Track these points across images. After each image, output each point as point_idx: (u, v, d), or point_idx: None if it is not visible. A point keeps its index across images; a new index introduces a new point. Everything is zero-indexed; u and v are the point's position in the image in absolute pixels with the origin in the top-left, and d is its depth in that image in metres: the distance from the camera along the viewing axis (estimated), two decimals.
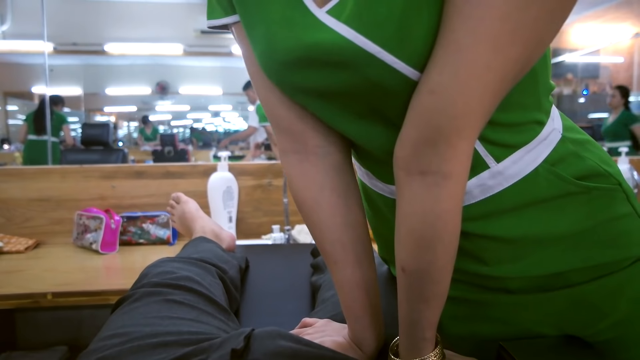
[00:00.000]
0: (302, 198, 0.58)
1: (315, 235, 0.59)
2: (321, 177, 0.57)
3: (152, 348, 0.54)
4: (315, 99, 0.51)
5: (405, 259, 0.49)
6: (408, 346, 0.52)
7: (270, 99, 0.56)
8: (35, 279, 1.17)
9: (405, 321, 0.52)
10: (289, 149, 0.58)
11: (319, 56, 0.46)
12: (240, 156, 4.79)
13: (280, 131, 0.57)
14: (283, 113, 0.55)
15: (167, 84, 6.98)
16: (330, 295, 0.79)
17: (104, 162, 3.15)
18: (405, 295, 0.50)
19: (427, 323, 0.50)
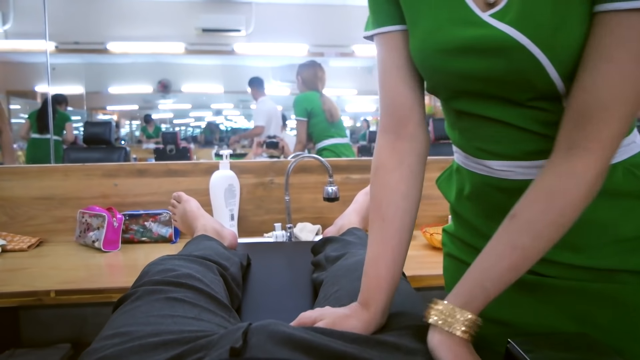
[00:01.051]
0: (382, 164, 0.70)
1: (377, 194, 0.70)
2: (405, 155, 0.70)
3: (154, 347, 0.55)
4: (459, 80, 0.63)
5: (521, 207, 0.57)
6: (461, 290, 0.58)
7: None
8: (38, 276, 1.18)
9: (475, 267, 0.58)
10: (390, 129, 0.71)
11: (479, 45, 0.58)
12: (242, 154, 4.79)
13: (389, 114, 0.71)
14: (400, 102, 0.69)
15: (169, 82, 6.98)
16: (334, 291, 0.79)
17: (106, 160, 3.16)
18: (497, 240, 0.58)
19: (495, 274, 0.56)
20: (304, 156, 1.58)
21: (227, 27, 5.58)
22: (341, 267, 0.90)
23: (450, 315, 0.56)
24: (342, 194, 1.50)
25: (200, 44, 5.75)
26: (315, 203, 1.69)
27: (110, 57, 5.94)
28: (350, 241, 1.07)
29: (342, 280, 0.82)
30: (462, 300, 0.57)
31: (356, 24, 6.50)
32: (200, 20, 5.51)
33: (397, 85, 0.69)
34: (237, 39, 5.79)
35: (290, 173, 1.53)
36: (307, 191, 1.70)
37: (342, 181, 1.70)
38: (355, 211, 1.32)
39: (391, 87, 0.70)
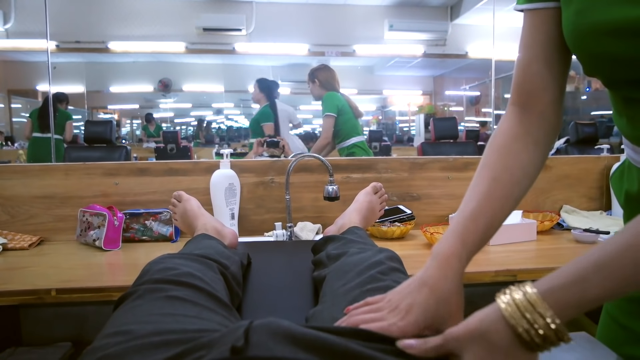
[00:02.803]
0: (507, 128, 0.68)
1: (491, 157, 0.66)
2: (533, 128, 0.66)
3: (155, 346, 0.55)
4: (617, 65, 0.56)
5: None
6: (556, 275, 0.46)
7: (531, 64, 0.66)
8: (39, 275, 1.18)
9: (587, 255, 0.46)
10: (517, 102, 0.68)
11: (638, 26, 0.51)
12: (242, 153, 4.80)
13: (520, 89, 0.68)
14: (531, 79, 0.66)
15: (170, 82, 6.99)
16: (341, 284, 0.79)
17: (107, 159, 3.17)
18: (631, 227, 0.45)
19: (609, 268, 0.44)
20: (304, 155, 1.58)
21: (228, 26, 5.59)
22: (346, 263, 0.89)
23: (521, 303, 0.45)
24: (342, 193, 1.50)
25: (201, 43, 5.75)
26: (315, 202, 1.69)
27: (111, 56, 5.95)
28: (351, 239, 1.06)
29: (348, 275, 0.81)
30: (547, 286, 0.46)
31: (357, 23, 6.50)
32: (201, 20, 5.52)
33: (532, 62, 0.66)
34: (238, 39, 5.79)
35: (291, 172, 1.53)
36: (307, 190, 1.70)
37: (343, 180, 1.70)
38: (356, 210, 1.32)
39: (525, 62, 0.67)
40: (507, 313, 0.45)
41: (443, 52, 6.24)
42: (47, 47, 3.69)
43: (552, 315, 0.44)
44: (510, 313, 0.45)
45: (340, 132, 3.12)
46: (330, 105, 3.09)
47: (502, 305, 0.46)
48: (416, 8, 6.03)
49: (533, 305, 0.44)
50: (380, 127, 8.30)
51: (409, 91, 8.18)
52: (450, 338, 0.49)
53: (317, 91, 3.20)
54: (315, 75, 3.18)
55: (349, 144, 3.12)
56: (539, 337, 0.44)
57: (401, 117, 8.71)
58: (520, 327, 0.44)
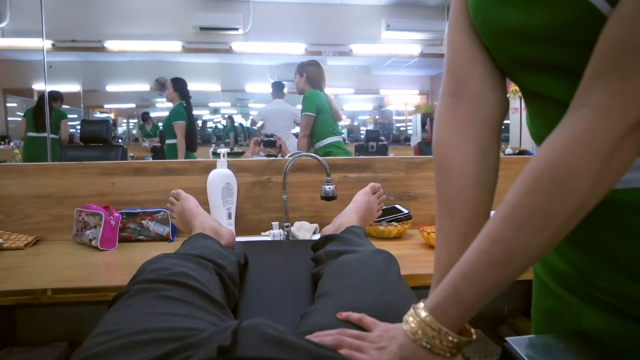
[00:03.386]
0: (442, 140, 0.60)
1: (441, 182, 0.59)
2: (468, 124, 0.58)
3: (143, 345, 0.54)
4: (512, 40, 0.52)
5: (509, 191, 0.46)
6: (435, 292, 0.50)
7: (456, 41, 0.59)
8: (35, 275, 1.18)
9: (455, 267, 0.49)
10: (448, 91, 0.61)
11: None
12: (239, 153, 4.79)
13: (449, 73, 0.61)
14: (458, 54, 0.59)
15: (166, 81, 6.97)
16: (335, 287, 0.79)
17: (103, 158, 3.15)
18: (481, 233, 0.48)
19: (472, 272, 0.47)
20: (301, 155, 1.58)
21: (225, 25, 5.58)
22: (342, 264, 0.90)
23: (423, 324, 0.50)
24: (339, 192, 1.50)
25: (197, 43, 5.74)
26: (312, 202, 1.69)
27: (107, 55, 5.93)
28: (350, 239, 1.07)
29: (344, 278, 0.82)
30: (432, 304, 0.50)
31: (354, 23, 6.50)
32: (197, 19, 5.50)
33: (456, 36, 0.59)
34: (235, 38, 5.78)
35: (288, 172, 1.53)
36: (304, 190, 1.70)
37: (340, 180, 1.70)
38: (353, 210, 1.32)
39: (451, 40, 0.60)
40: (415, 338, 0.50)
41: (440, 52, 6.24)
42: (43, 46, 3.68)
43: (445, 329, 0.48)
44: (414, 335, 0.50)
45: (316, 131, 3.12)
46: (310, 105, 3.09)
47: (409, 335, 0.51)
48: (413, 8, 6.04)
49: (427, 324, 0.49)
50: (377, 126, 8.30)
51: (406, 91, 8.18)
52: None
53: (301, 85, 3.20)
54: (304, 69, 3.18)
55: (325, 143, 3.12)
56: (448, 347, 0.49)
57: (398, 116, 8.71)
58: (432, 346, 0.49)
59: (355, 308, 0.67)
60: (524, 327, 1.62)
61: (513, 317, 1.71)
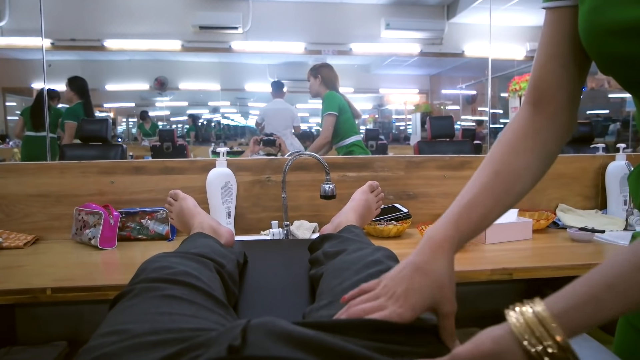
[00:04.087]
0: (518, 126, 0.67)
1: (497, 151, 0.67)
2: (543, 130, 0.66)
3: (152, 345, 0.54)
4: (630, 68, 0.55)
5: None
6: (566, 294, 0.46)
7: (546, 63, 0.66)
8: (34, 274, 1.18)
9: (597, 271, 0.46)
10: (530, 99, 0.68)
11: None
12: (238, 152, 4.79)
13: (533, 87, 0.68)
14: (545, 77, 0.66)
15: (166, 80, 6.96)
16: (338, 283, 0.79)
17: (102, 157, 3.15)
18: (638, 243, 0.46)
19: (622, 285, 0.44)
20: (300, 154, 1.58)
21: (224, 24, 5.57)
22: (343, 261, 0.89)
23: (534, 325, 0.44)
24: (338, 191, 1.50)
25: (197, 42, 5.74)
26: (312, 201, 1.69)
27: (106, 54, 5.92)
28: (348, 238, 1.07)
29: (346, 273, 0.81)
30: (559, 306, 0.45)
31: (353, 21, 6.48)
32: (197, 18, 5.50)
33: (547, 61, 0.65)
34: (234, 37, 5.78)
35: (287, 171, 1.53)
36: (304, 189, 1.70)
37: (339, 179, 1.70)
38: (352, 209, 1.32)
39: (541, 60, 0.66)
40: (521, 336, 0.44)
41: (439, 51, 6.25)
42: (42, 45, 3.67)
43: (564, 337, 0.43)
44: (524, 336, 0.44)
45: (339, 131, 3.14)
46: (332, 104, 3.11)
47: (515, 328, 0.45)
48: (413, 7, 6.03)
49: (546, 328, 0.44)
50: (376, 125, 8.30)
51: (406, 90, 8.18)
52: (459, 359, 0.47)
53: (317, 87, 3.22)
54: (319, 71, 3.20)
55: (348, 142, 3.15)
56: (549, 358, 0.43)
57: (398, 115, 8.71)
58: (534, 349, 0.43)
59: None
60: None
61: None
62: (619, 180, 1.76)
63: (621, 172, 1.76)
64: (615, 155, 1.82)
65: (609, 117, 6.47)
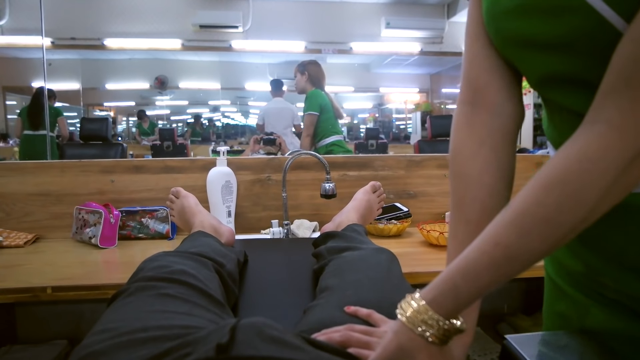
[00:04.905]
0: (459, 147, 0.62)
1: (458, 189, 0.61)
2: (486, 133, 0.60)
3: (142, 342, 0.54)
4: (524, 49, 0.53)
5: (516, 197, 0.47)
6: (433, 284, 0.52)
7: (473, 50, 0.61)
8: (34, 273, 1.18)
9: (454, 262, 0.51)
10: (466, 100, 0.62)
11: (537, 1, 0.48)
12: (239, 151, 4.79)
13: (467, 82, 0.62)
14: (476, 63, 0.60)
15: (166, 79, 6.96)
16: (337, 282, 0.79)
17: (103, 156, 3.15)
18: (483, 233, 0.49)
19: (470, 271, 0.48)
20: (301, 153, 1.58)
21: (225, 23, 5.57)
22: (345, 260, 0.90)
23: (415, 315, 0.51)
24: (339, 190, 1.50)
25: (197, 40, 5.73)
26: (312, 200, 1.69)
27: (107, 53, 5.92)
28: (351, 236, 1.07)
29: (347, 274, 0.82)
30: (430, 296, 0.51)
31: (353, 20, 6.47)
32: (197, 17, 5.49)
33: (473, 45, 0.60)
34: (235, 36, 5.78)
35: (288, 170, 1.53)
36: (304, 188, 1.70)
37: (339, 178, 1.70)
38: (354, 208, 1.32)
39: (468, 49, 0.62)
40: (411, 325, 0.51)
41: (440, 50, 6.24)
42: (43, 44, 3.67)
43: (439, 317, 0.50)
44: (411, 323, 0.51)
45: (319, 131, 3.14)
46: (313, 104, 3.12)
47: (404, 320, 0.52)
48: (413, 6, 6.03)
49: (422, 313, 0.51)
50: (377, 124, 8.29)
51: (406, 89, 8.17)
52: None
53: (303, 84, 3.22)
54: (306, 68, 3.21)
55: (327, 142, 3.15)
56: (441, 335, 0.50)
57: (398, 114, 8.70)
58: (425, 332, 0.50)
59: (360, 305, 0.67)
60: (523, 325, 1.62)
61: (512, 315, 1.71)
62: None
63: None
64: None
65: None
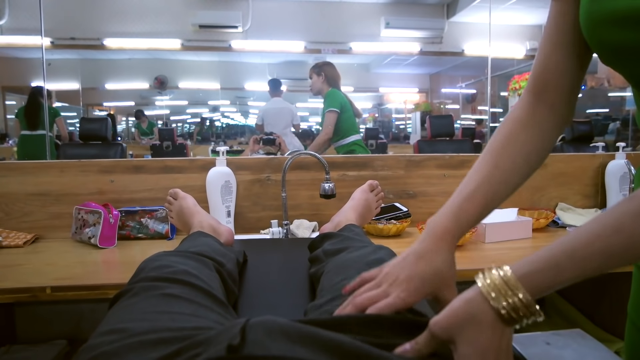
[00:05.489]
0: (519, 115, 0.68)
1: (496, 144, 0.68)
2: (543, 120, 0.67)
3: (152, 344, 0.54)
4: (628, 57, 0.56)
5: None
6: (531, 259, 0.50)
7: (548, 51, 0.66)
8: (34, 273, 1.18)
9: (561, 240, 0.50)
10: (532, 89, 0.69)
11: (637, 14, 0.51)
12: (238, 151, 4.79)
13: (535, 76, 0.68)
14: (547, 65, 0.66)
15: (166, 79, 6.96)
16: (340, 280, 0.79)
17: (102, 156, 3.15)
18: (601, 217, 0.49)
19: (580, 254, 0.48)
20: (300, 153, 1.58)
21: (224, 23, 5.57)
22: (345, 259, 0.89)
23: (500, 285, 0.49)
24: (338, 190, 1.50)
25: (197, 40, 5.73)
26: (311, 200, 1.69)
27: (106, 53, 5.91)
28: (348, 237, 1.06)
29: (349, 271, 0.81)
30: (523, 270, 0.49)
31: (353, 20, 6.46)
32: (197, 17, 5.49)
33: (551, 51, 0.66)
34: (234, 36, 5.77)
35: (287, 170, 1.53)
36: (303, 188, 1.70)
37: (339, 178, 1.70)
38: (352, 208, 1.32)
39: (545, 51, 0.67)
40: (488, 295, 0.49)
41: (439, 50, 6.24)
42: (42, 44, 3.67)
43: (525, 293, 0.48)
44: (489, 293, 0.49)
45: (339, 130, 3.13)
46: (334, 101, 3.11)
47: (484, 288, 0.50)
48: (412, 6, 6.03)
49: (509, 285, 0.48)
50: (376, 124, 8.29)
51: (405, 89, 8.17)
52: (438, 328, 0.50)
53: (319, 85, 3.21)
54: (322, 69, 3.20)
55: (348, 141, 3.14)
56: (515, 312, 0.48)
57: (397, 114, 8.71)
58: (500, 305, 0.48)
59: None
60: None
61: None
62: (619, 179, 1.76)
63: (621, 170, 1.76)
64: (615, 154, 1.82)
65: (608, 116, 6.47)
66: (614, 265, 0.48)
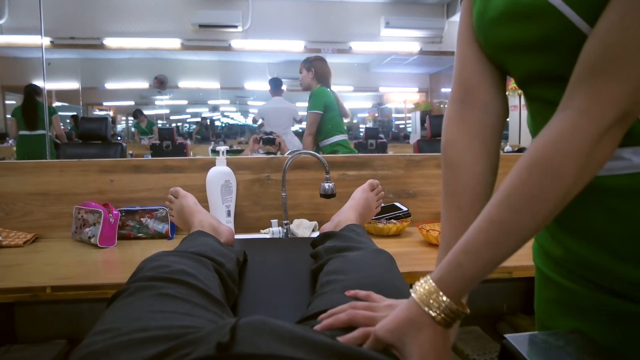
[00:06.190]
0: (452, 141, 0.68)
1: (450, 178, 0.67)
2: (477, 128, 0.66)
3: (142, 342, 0.54)
4: (509, 52, 0.60)
5: (506, 179, 0.52)
6: (440, 265, 0.55)
7: (465, 53, 0.67)
8: (34, 272, 1.18)
9: (458, 243, 0.55)
10: (458, 98, 0.68)
11: (517, 9, 0.55)
12: (238, 150, 4.79)
13: (458, 82, 0.68)
14: (469, 66, 0.67)
15: (165, 78, 6.96)
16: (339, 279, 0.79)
17: (102, 156, 3.15)
18: (481, 214, 0.54)
19: (472, 249, 0.52)
20: (300, 152, 1.58)
21: (224, 23, 5.57)
22: (345, 259, 0.90)
23: (426, 293, 0.55)
24: (338, 190, 1.50)
25: (196, 40, 5.73)
26: (311, 199, 1.69)
27: (106, 52, 5.91)
28: (349, 236, 1.07)
29: (348, 271, 0.82)
30: (438, 275, 0.55)
31: (353, 20, 6.47)
32: (196, 16, 5.49)
33: (465, 48, 0.66)
34: (234, 35, 5.77)
35: (287, 169, 1.53)
36: (303, 187, 1.70)
37: (339, 177, 1.70)
38: (352, 207, 1.32)
39: (460, 51, 0.68)
40: (420, 302, 0.55)
41: (439, 50, 6.24)
42: (42, 43, 3.67)
43: (442, 296, 0.54)
44: (422, 302, 0.55)
45: (323, 129, 3.07)
46: (317, 102, 3.04)
47: (415, 297, 0.56)
48: (412, 5, 6.03)
49: (432, 293, 0.54)
50: (376, 124, 8.29)
51: (405, 88, 8.17)
52: (383, 332, 0.55)
53: (308, 80, 3.14)
54: (312, 64, 3.13)
55: (332, 141, 3.06)
56: (445, 314, 0.54)
57: (397, 114, 8.70)
58: (431, 310, 0.54)
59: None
60: (523, 325, 1.62)
61: (512, 315, 1.72)
62: None
63: None
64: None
65: None
66: (504, 255, 0.52)
